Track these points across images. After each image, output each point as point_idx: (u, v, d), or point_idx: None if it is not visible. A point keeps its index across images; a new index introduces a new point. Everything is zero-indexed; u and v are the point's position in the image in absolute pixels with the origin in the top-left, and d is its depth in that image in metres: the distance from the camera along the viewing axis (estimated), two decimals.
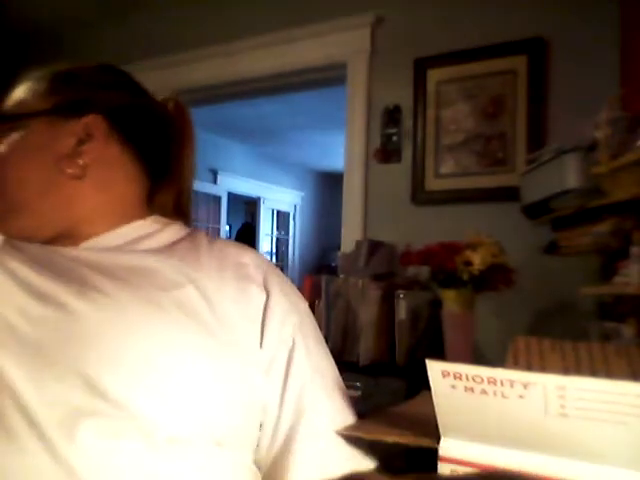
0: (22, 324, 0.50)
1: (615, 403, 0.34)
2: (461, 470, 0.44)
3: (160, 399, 0.49)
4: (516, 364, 0.71)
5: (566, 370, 0.67)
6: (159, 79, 2.49)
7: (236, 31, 2.31)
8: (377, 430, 0.55)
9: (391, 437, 0.52)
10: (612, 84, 1.49)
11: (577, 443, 0.36)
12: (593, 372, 0.66)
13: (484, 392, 0.38)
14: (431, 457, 0.46)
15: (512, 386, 0.37)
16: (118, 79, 0.68)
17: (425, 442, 0.47)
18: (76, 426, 0.45)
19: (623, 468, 0.36)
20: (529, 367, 0.69)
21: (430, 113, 1.91)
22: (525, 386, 0.36)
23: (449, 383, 0.39)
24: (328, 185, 6.66)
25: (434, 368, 0.40)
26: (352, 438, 0.56)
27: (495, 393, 0.38)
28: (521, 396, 0.37)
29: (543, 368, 0.68)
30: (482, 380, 0.38)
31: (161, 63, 2.47)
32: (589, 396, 0.35)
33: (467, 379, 0.38)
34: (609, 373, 0.66)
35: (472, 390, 0.39)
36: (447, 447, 0.45)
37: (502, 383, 0.37)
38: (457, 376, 0.39)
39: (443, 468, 0.44)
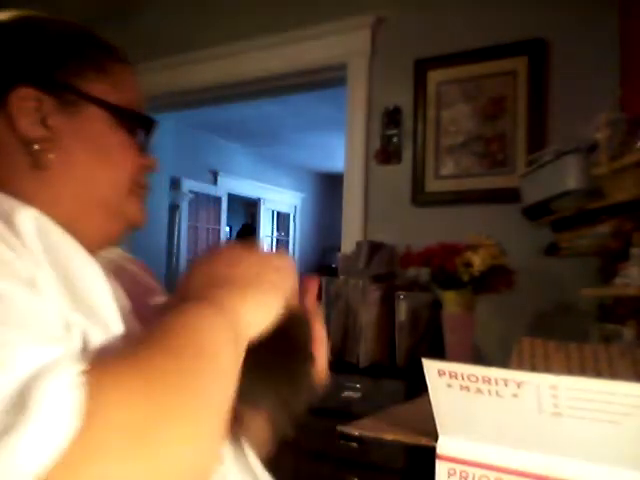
0: None
1: (607, 402, 0.34)
2: (458, 469, 0.44)
3: None
4: (521, 365, 0.71)
5: (570, 371, 0.67)
6: (160, 80, 2.49)
7: (237, 33, 2.31)
8: (377, 428, 0.56)
9: (390, 435, 0.52)
10: (612, 85, 1.49)
11: (571, 441, 0.37)
12: (598, 373, 0.66)
13: (479, 391, 0.38)
14: (430, 456, 0.46)
15: (506, 385, 0.37)
16: None
17: (423, 440, 0.47)
18: None
19: (616, 466, 0.36)
20: (533, 368, 0.69)
21: (430, 114, 1.91)
22: (519, 385, 0.37)
23: (445, 382, 0.39)
24: (328, 186, 6.66)
25: (430, 367, 0.40)
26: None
27: (490, 392, 0.38)
28: (515, 395, 0.37)
29: (548, 369, 0.68)
30: (477, 379, 0.38)
31: (162, 65, 2.47)
32: (582, 395, 0.35)
33: (462, 378, 0.38)
34: (613, 374, 0.66)
35: (467, 389, 0.39)
36: (444, 445, 0.45)
37: (496, 382, 0.37)
38: (453, 375, 0.39)
39: (440, 466, 0.44)
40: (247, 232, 6.39)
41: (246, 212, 6.87)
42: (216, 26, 2.39)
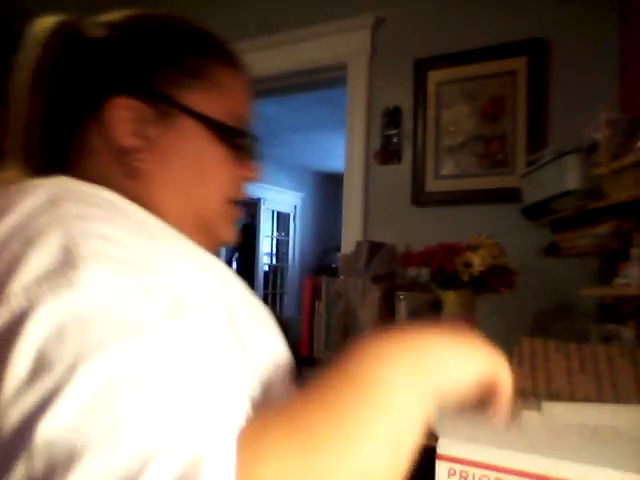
0: None
1: None
2: (458, 469, 0.44)
3: None
4: (521, 365, 0.71)
5: (570, 371, 0.67)
6: None
7: (237, 33, 2.31)
8: None
9: None
10: (612, 85, 1.49)
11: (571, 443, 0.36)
12: (597, 373, 0.66)
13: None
14: (430, 456, 0.46)
15: None
16: None
17: (423, 440, 0.47)
18: None
19: (616, 468, 0.36)
20: (534, 368, 0.69)
21: (430, 114, 1.91)
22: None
23: None
24: (328, 186, 6.66)
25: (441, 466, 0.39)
26: None
27: None
28: None
29: (547, 369, 0.68)
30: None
31: None
32: None
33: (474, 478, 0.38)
34: (613, 375, 0.66)
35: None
36: (444, 445, 0.45)
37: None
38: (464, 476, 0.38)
39: (440, 466, 0.44)
40: (247, 232, 6.40)
41: (246, 212, 6.87)
42: (215, 26, 2.38)
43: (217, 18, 2.40)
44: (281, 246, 6.62)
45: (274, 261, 6.54)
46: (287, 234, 6.54)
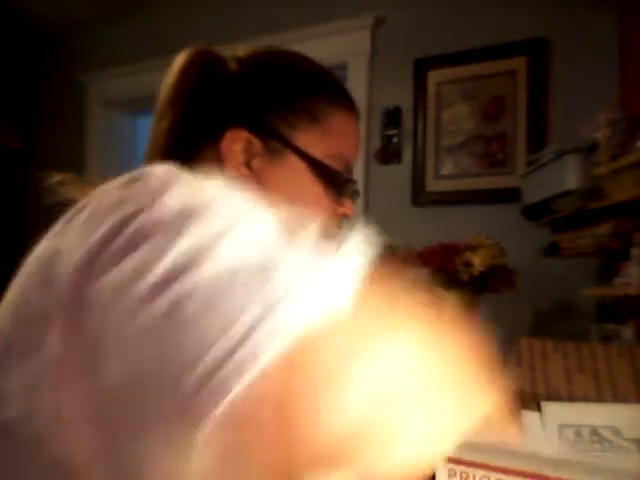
0: None
1: None
2: (459, 470, 0.44)
3: None
4: (519, 365, 0.71)
5: (568, 371, 0.67)
6: (159, 81, 2.49)
7: (236, 33, 2.31)
8: None
9: None
10: (612, 85, 1.49)
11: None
12: (595, 373, 0.66)
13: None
14: None
15: None
16: None
17: None
18: None
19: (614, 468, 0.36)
20: (532, 368, 0.69)
21: (430, 114, 1.91)
22: None
23: None
24: None
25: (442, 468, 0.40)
26: None
27: None
28: None
29: (546, 369, 0.68)
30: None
31: (161, 65, 2.46)
32: None
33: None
34: (611, 374, 0.66)
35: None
36: None
37: None
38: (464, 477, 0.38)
39: (441, 467, 0.44)
40: None
41: None
42: (215, 26, 2.39)
43: (217, 18, 2.41)
44: None
45: None
46: None
